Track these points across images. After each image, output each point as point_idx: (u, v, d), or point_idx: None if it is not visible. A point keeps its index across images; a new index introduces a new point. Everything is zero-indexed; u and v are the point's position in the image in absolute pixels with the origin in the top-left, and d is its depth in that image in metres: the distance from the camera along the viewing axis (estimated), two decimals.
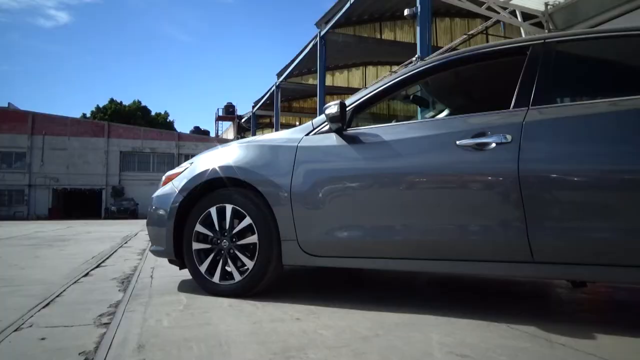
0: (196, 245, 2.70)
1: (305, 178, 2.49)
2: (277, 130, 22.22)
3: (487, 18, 7.15)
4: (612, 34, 2.30)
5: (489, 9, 6.68)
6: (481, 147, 2.13)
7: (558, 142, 2.04)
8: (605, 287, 3.02)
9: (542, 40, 2.29)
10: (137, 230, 11.06)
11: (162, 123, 52.44)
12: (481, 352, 1.65)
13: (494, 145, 2.10)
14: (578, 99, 2.35)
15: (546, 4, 6.44)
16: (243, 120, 37.17)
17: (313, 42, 17.39)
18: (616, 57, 2.33)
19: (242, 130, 38.72)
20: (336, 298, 2.57)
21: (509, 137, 2.08)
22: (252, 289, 2.55)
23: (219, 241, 2.65)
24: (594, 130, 2.01)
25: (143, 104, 53.63)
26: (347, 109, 2.51)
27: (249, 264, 2.54)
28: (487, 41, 15.07)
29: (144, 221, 3.52)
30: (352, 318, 2.13)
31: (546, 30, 6.51)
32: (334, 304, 2.40)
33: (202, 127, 56.69)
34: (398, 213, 2.29)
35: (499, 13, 6.76)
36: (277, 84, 23.24)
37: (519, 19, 6.74)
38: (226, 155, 2.78)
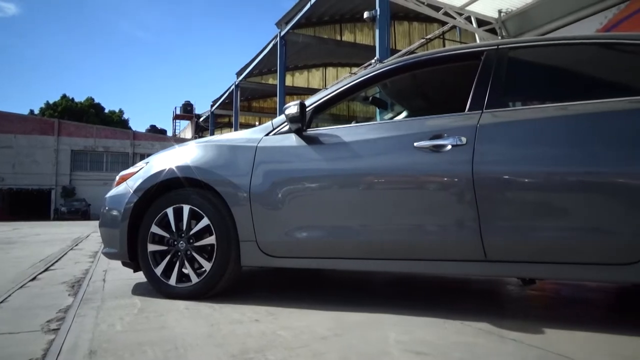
0: (152, 247, 2.63)
1: (265, 178, 2.47)
2: (236, 130, 21.99)
3: (444, 23, 7.35)
4: (560, 42, 2.41)
5: (446, 14, 6.85)
6: (438, 148, 2.18)
7: (510, 144, 2.12)
8: (552, 283, 3.15)
9: (496, 46, 2.37)
10: (88, 232, 10.67)
11: (117, 121, 50.85)
12: (437, 348, 1.68)
13: (449, 147, 2.16)
14: (529, 103, 2.45)
15: (499, 11, 6.68)
16: (201, 119, 36.52)
17: (273, 42, 17.32)
18: (564, 64, 2.44)
19: (200, 130, 38.04)
20: (295, 299, 2.57)
21: (464, 140, 2.14)
22: (209, 291, 2.51)
23: (175, 243, 2.59)
24: (543, 134, 2.10)
25: (96, 101, 51.88)
26: (307, 109, 2.51)
27: (207, 265, 2.50)
28: (444, 45, 15.48)
29: (96, 222, 3.39)
30: (312, 318, 2.13)
31: (499, 37, 6.74)
32: (294, 304, 2.40)
33: (159, 126, 55.44)
34: (357, 213, 2.32)
35: (455, 19, 6.95)
36: (236, 83, 22.98)
37: (474, 25, 6.95)
38: (184, 154, 2.72)
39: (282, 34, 16.49)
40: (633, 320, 2.24)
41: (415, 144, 2.22)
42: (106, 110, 52.39)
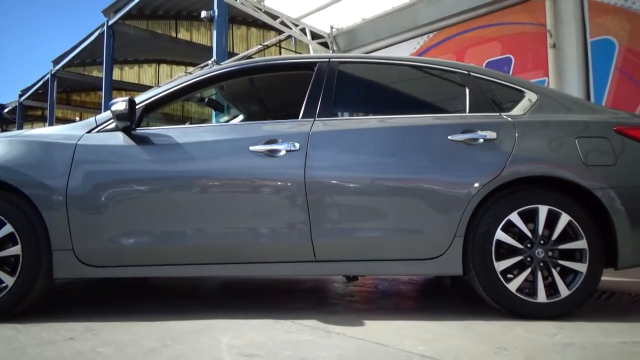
0: None
1: (86, 180, 2.23)
2: (51, 125, 19.45)
3: (280, 32, 7.62)
4: (383, 61, 2.71)
5: (282, 23, 7.08)
6: (272, 153, 2.24)
7: (338, 151, 2.30)
8: (372, 279, 3.48)
9: (328, 59, 2.54)
10: None
11: None
12: (268, 349, 1.72)
13: (284, 152, 2.23)
14: (355, 114, 2.69)
15: (331, 27, 7.15)
16: (6, 110, 31.43)
17: (100, 30, 15.80)
18: (385, 80, 2.74)
19: (4, 123, 32.72)
20: (119, 312, 2.37)
21: (297, 145, 2.24)
22: (12, 310, 2.16)
23: None
24: (366, 143, 2.32)
25: None
26: (137, 107, 2.34)
27: (9, 280, 2.15)
28: (280, 53, 15.98)
29: None
30: (137, 331, 1.99)
31: (331, 51, 7.22)
32: (117, 317, 2.21)
33: None
34: (190, 218, 2.24)
35: (291, 29, 7.22)
36: (52, 72, 20.33)
37: (308, 37, 7.32)
38: None
39: (110, 23, 15.16)
40: (436, 307, 2.59)
41: (250, 147, 2.25)
42: None
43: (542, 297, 2.11)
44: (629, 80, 4.54)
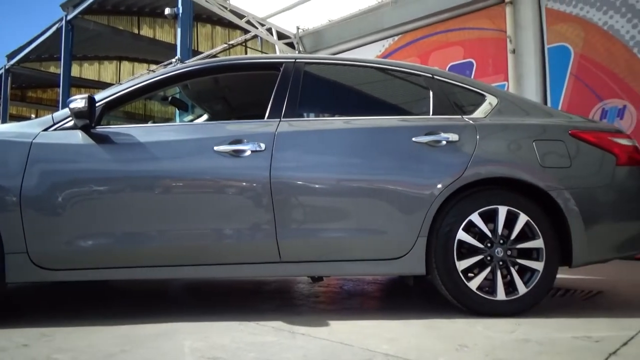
0: None
1: (42, 180, 2.14)
2: (4, 122, 18.62)
3: (246, 31, 7.55)
4: (348, 62, 2.72)
5: (249, 23, 7.02)
6: (237, 153, 2.22)
7: (303, 152, 2.30)
8: (337, 280, 3.49)
9: (294, 60, 2.53)
10: None
11: None
12: (232, 351, 1.70)
13: (249, 152, 2.21)
14: (321, 114, 2.69)
15: (298, 28, 7.15)
16: None
17: (58, 25, 15.24)
18: (351, 82, 2.75)
19: None
20: (76, 316, 2.29)
21: (262, 146, 2.22)
22: None
23: None
24: (332, 144, 2.33)
25: None
26: (97, 104, 2.27)
27: None
28: (246, 53, 15.86)
29: None
30: (96, 336, 1.93)
31: (297, 51, 7.22)
32: (74, 322, 2.13)
33: None
34: (153, 219, 2.19)
35: (257, 28, 7.18)
36: (6, 67, 19.48)
37: (275, 37, 7.29)
38: None
39: (69, 17, 14.65)
40: (399, 306, 2.63)
41: (215, 148, 2.22)
42: None
43: (501, 295, 2.17)
44: (583, 85, 4.75)
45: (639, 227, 2.37)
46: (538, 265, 2.20)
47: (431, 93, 2.51)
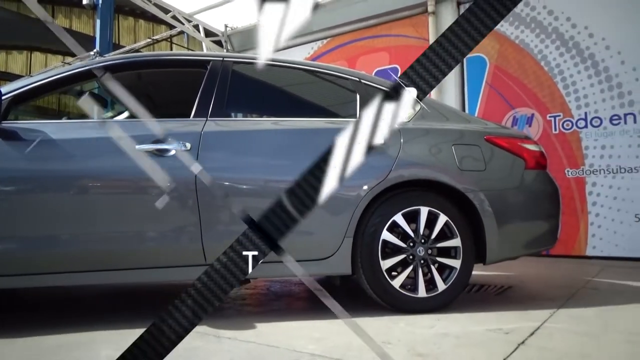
0: None
1: None
2: None
3: (172, 26, 7.29)
4: (277, 63, 2.70)
5: (174, 18, 6.79)
6: (161, 153, 2.13)
7: (230, 152, 2.26)
8: (264, 281, 3.47)
9: (221, 58, 2.48)
10: None
11: None
12: None
13: (173, 152, 2.14)
14: (248, 115, 2.66)
15: (226, 26, 7.02)
16: None
17: None
18: (279, 83, 2.74)
19: None
20: None
21: (188, 145, 2.16)
22: None
23: None
24: (259, 144, 2.31)
25: None
26: (4, 97, 2.09)
27: None
28: (172, 49, 15.31)
29: None
30: (8, 348, 1.77)
31: (225, 50, 7.09)
32: None
33: None
34: (67, 222, 2.05)
35: (183, 24, 6.96)
36: None
37: (202, 34, 7.11)
38: None
39: None
40: (326, 306, 2.65)
41: (137, 146, 2.12)
42: None
43: (422, 292, 2.27)
44: (497, 94, 5.09)
45: (544, 226, 2.58)
46: (456, 263, 2.33)
47: (358, 96, 2.57)
